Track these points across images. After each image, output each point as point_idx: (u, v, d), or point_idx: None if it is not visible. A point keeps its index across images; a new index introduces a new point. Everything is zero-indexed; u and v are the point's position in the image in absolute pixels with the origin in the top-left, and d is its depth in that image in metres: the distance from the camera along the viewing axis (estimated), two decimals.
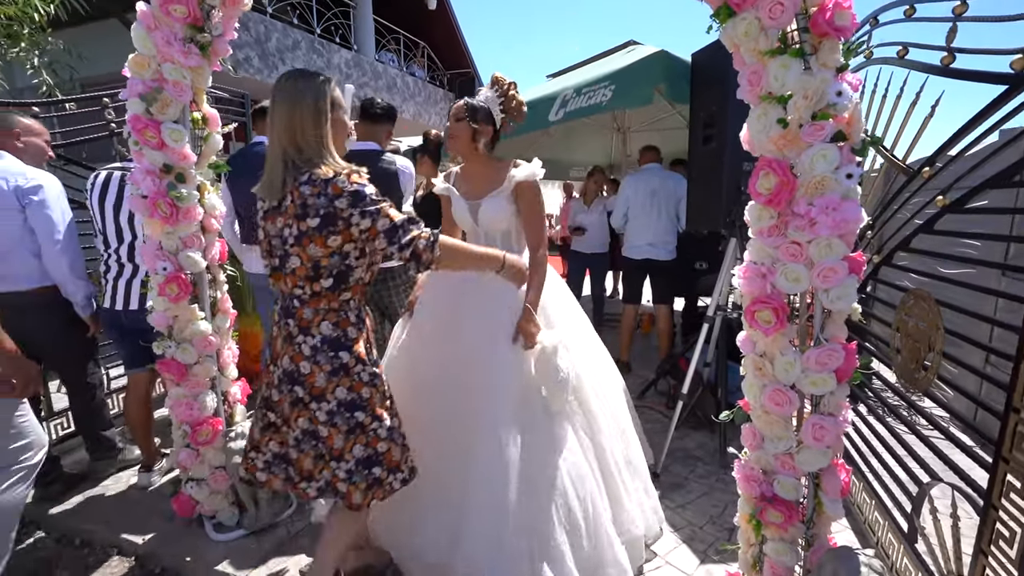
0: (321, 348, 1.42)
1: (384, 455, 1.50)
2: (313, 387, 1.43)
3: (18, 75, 5.07)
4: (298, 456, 1.51)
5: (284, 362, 1.47)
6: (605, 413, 1.98)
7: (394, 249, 1.40)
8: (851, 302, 1.30)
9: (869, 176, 2.39)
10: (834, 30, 1.20)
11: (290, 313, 1.46)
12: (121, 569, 2.06)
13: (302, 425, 1.47)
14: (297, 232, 1.36)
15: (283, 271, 1.42)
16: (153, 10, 1.76)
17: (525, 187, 1.90)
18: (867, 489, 2.12)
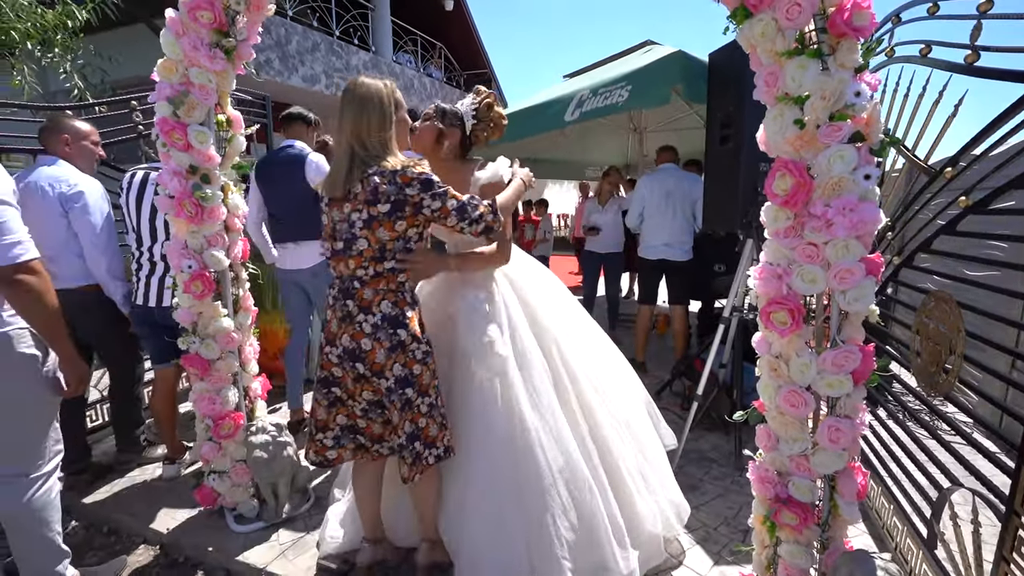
0: (381, 326, 1.54)
1: (423, 430, 1.60)
2: (374, 363, 1.55)
3: (51, 79, 5.24)
4: (367, 424, 1.67)
5: (344, 341, 1.57)
6: (604, 408, 1.95)
7: (465, 224, 1.58)
8: (868, 303, 1.29)
9: (890, 176, 2.35)
10: (852, 30, 1.19)
11: (349, 294, 1.56)
12: (146, 557, 2.13)
13: (367, 397, 1.63)
14: (367, 216, 1.50)
15: (347, 253, 1.54)
16: (181, 16, 1.81)
17: (489, 189, 1.83)
18: (885, 494, 2.09)
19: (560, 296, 2.12)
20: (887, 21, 2.45)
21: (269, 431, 2.19)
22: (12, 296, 1.52)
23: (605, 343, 2.21)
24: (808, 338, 1.40)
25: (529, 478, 1.70)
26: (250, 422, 2.25)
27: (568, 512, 1.72)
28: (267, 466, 2.16)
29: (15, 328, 1.56)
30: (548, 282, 2.11)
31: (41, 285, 1.54)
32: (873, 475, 2.21)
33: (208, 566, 2.05)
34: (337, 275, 1.62)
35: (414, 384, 1.58)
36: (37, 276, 1.52)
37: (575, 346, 2.00)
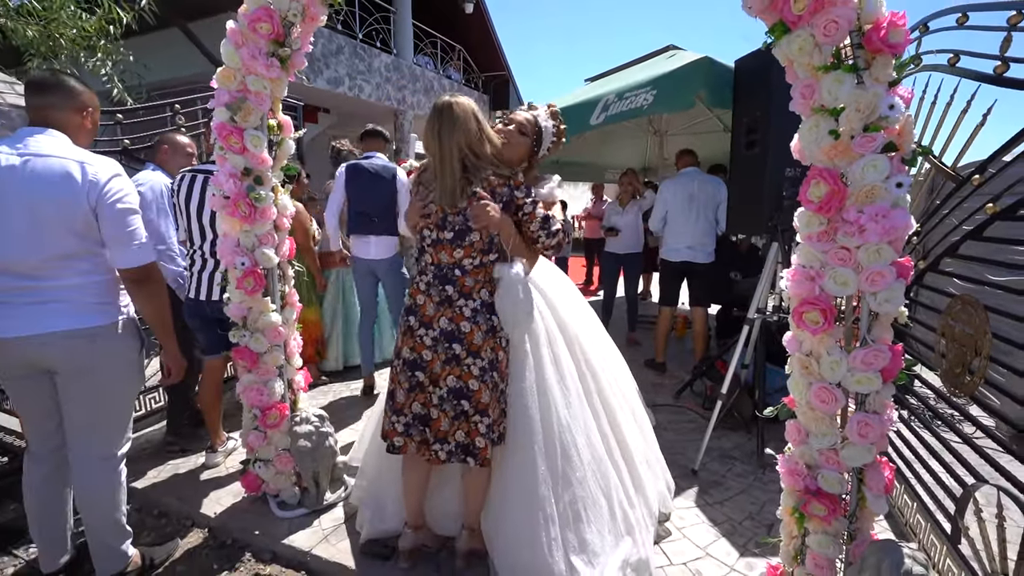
0: (480, 310, 1.73)
1: (498, 413, 1.77)
2: (472, 343, 1.72)
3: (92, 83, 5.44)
4: (438, 416, 1.76)
5: (442, 323, 1.74)
6: (616, 392, 2.13)
7: (543, 234, 1.79)
8: (898, 305, 1.36)
9: (917, 181, 2.39)
10: (888, 47, 1.26)
11: (449, 280, 1.73)
12: (197, 539, 2.25)
13: (450, 383, 1.74)
14: None
15: (456, 243, 1.70)
16: (241, 28, 1.93)
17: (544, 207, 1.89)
18: (908, 492, 2.14)
19: (575, 296, 2.24)
20: (915, 29, 2.50)
21: (312, 421, 2.30)
22: (136, 292, 1.75)
23: (606, 336, 2.35)
24: (839, 337, 1.47)
25: (564, 469, 1.81)
26: (294, 412, 2.36)
27: (598, 500, 1.84)
28: (310, 455, 2.27)
29: (128, 316, 1.79)
30: (565, 283, 2.23)
31: (159, 283, 1.79)
32: (896, 474, 2.26)
33: (255, 548, 2.16)
34: (432, 262, 1.76)
35: (498, 368, 1.75)
36: (156, 275, 1.78)
37: (592, 344, 2.13)
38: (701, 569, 1.95)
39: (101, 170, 1.63)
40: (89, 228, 1.63)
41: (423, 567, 1.94)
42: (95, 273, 1.68)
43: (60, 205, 1.58)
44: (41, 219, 1.57)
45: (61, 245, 1.60)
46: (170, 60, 6.07)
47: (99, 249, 1.68)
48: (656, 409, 3.21)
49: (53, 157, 1.59)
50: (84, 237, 1.63)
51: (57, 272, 1.62)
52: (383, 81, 9.44)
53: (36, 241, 1.58)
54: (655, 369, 4.17)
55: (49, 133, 1.65)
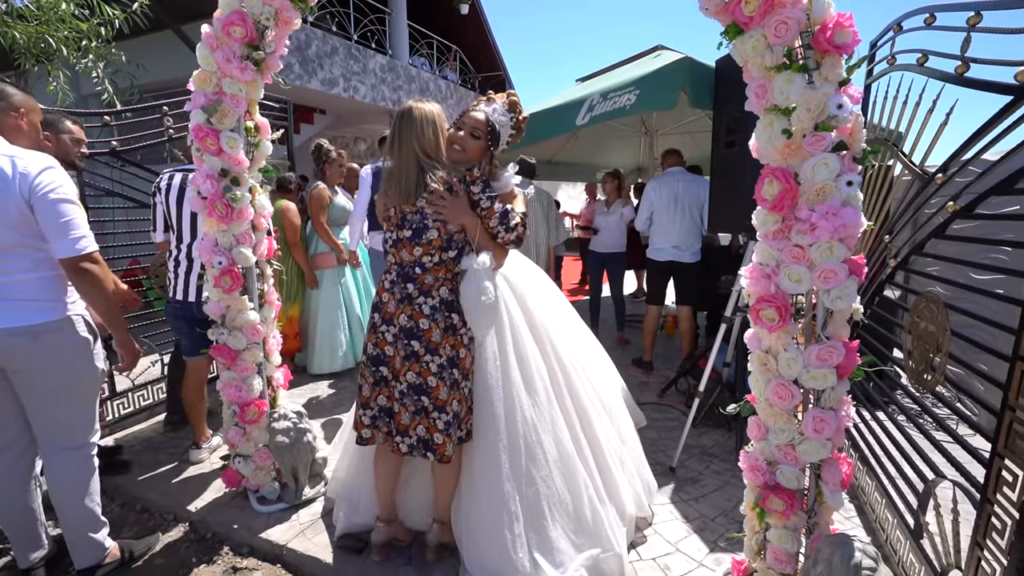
0: (439, 308, 1.75)
1: (464, 415, 1.82)
2: (430, 341, 1.74)
3: (83, 84, 5.49)
4: (399, 409, 1.79)
5: (401, 320, 1.76)
6: (589, 392, 2.13)
7: (502, 229, 1.75)
8: (851, 302, 1.38)
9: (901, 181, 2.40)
10: (834, 47, 1.28)
11: (410, 278, 1.76)
12: (178, 533, 2.28)
13: (410, 379, 1.76)
14: None
15: (415, 241, 1.73)
16: (216, 31, 1.96)
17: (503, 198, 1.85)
18: (879, 488, 2.16)
19: (550, 292, 2.26)
20: (889, 30, 2.52)
21: (291, 418, 2.33)
22: (78, 282, 1.72)
23: (587, 334, 2.36)
24: (796, 334, 1.49)
25: (527, 467, 1.84)
26: (272, 409, 2.39)
27: (563, 498, 1.86)
28: (288, 451, 2.30)
29: (74, 314, 1.78)
30: (539, 279, 2.24)
31: (101, 273, 1.74)
32: (868, 471, 2.28)
33: (233, 542, 2.19)
34: (395, 261, 1.80)
35: (458, 365, 1.78)
36: (98, 265, 1.73)
37: (565, 340, 2.14)
38: (670, 564, 1.97)
39: (32, 163, 1.65)
40: (25, 221, 1.64)
41: (394, 560, 1.97)
42: (38, 269, 1.70)
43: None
44: (14, 207, 1.61)
45: (9, 237, 1.63)
46: (164, 62, 6.11)
47: (41, 244, 1.68)
48: (640, 407, 3.23)
49: None
50: (21, 231, 1.64)
51: (10, 263, 1.65)
52: (378, 82, 9.47)
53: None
54: (642, 368, 4.19)
55: None
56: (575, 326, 2.32)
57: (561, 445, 1.90)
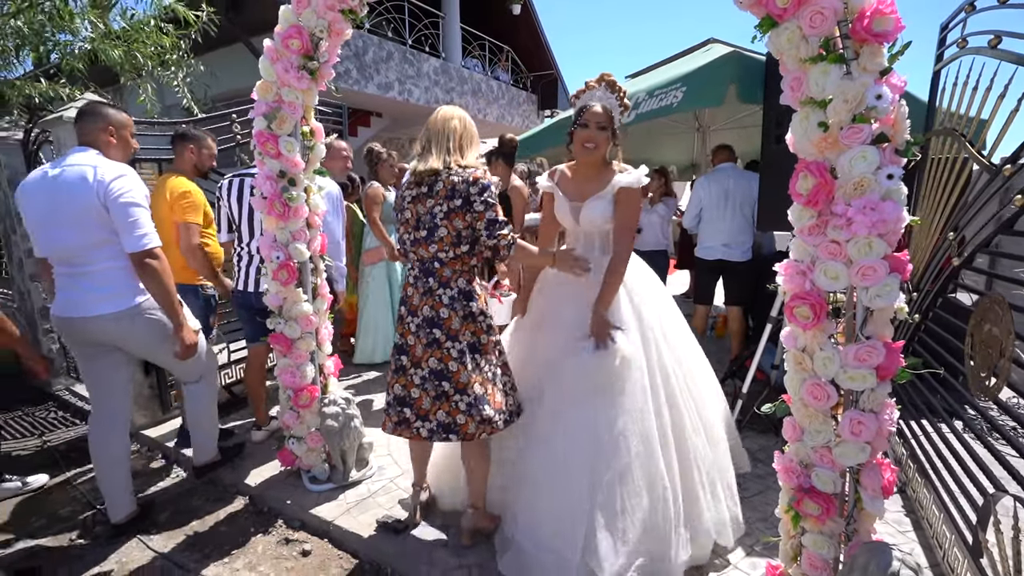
0: (457, 298, 1.87)
1: (488, 396, 1.89)
2: (450, 328, 1.86)
3: (167, 95, 6.02)
4: (419, 395, 1.89)
5: (424, 311, 1.89)
6: (689, 407, 2.03)
7: (485, 236, 1.83)
8: (892, 300, 1.32)
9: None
10: (873, 36, 1.23)
11: (430, 273, 1.88)
12: (239, 505, 2.50)
13: (431, 365, 1.87)
14: (447, 209, 1.80)
15: (429, 240, 1.84)
16: (276, 45, 2.13)
17: (626, 193, 1.97)
18: (936, 503, 2.03)
19: (665, 302, 2.20)
20: (961, 10, 2.35)
21: (340, 403, 2.48)
22: (141, 274, 2.04)
23: (699, 354, 2.25)
24: (833, 332, 1.44)
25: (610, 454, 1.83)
26: (324, 395, 2.56)
27: (638, 494, 1.83)
28: (337, 434, 2.46)
29: (145, 299, 2.12)
30: (654, 284, 2.20)
31: (160, 267, 2.03)
32: (927, 483, 2.15)
33: (286, 516, 2.38)
34: (417, 259, 1.91)
35: (480, 351, 1.90)
36: (158, 260, 2.03)
37: (671, 347, 2.08)
38: (703, 565, 1.95)
39: (108, 171, 1.98)
40: (104, 220, 1.97)
41: (431, 543, 2.07)
42: (117, 260, 2.03)
43: (79, 202, 1.95)
44: (72, 214, 1.96)
45: (88, 235, 1.98)
46: (234, 72, 6.59)
47: (114, 237, 2.00)
48: None
49: (76, 166, 1.99)
50: (103, 229, 1.98)
51: (92, 257, 2.01)
52: (432, 85, 9.74)
53: (73, 232, 1.98)
54: None
55: (81, 149, 2.07)
56: (688, 344, 2.22)
57: (648, 444, 1.86)
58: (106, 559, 2.14)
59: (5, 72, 4.95)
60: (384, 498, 2.42)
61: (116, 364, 2.20)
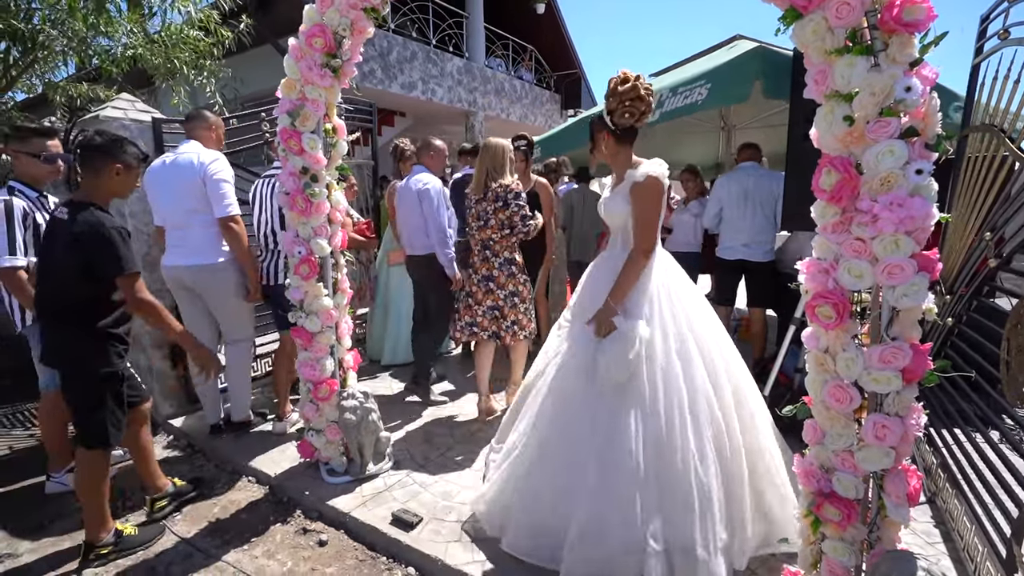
0: (505, 264, 2.96)
1: (520, 320, 3.01)
2: (499, 282, 2.96)
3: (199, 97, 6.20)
4: (482, 319, 3.00)
5: (483, 271, 2.98)
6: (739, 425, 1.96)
7: (519, 222, 2.89)
8: (919, 300, 1.27)
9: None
10: (903, 26, 1.19)
11: (488, 247, 2.96)
12: (259, 493, 2.56)
13: (487, 303, 2.98)
14: (493, 208, 2.88)
15: (486, 226, 2.91)
16: (300, 43, 2.17)
17: (637, 188, 1.98)
18: (968, 514, 1.95)
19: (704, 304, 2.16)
20: (1003, 0, 2.25)
21: (358, 397, 2.52)
22: (225, 235, 2.74)
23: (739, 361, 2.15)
24: (856, 332, 1.40)
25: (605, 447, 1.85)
26: (342, 388, 2.60)
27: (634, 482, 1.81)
28: (355, 428, 2.49)
29: (228, 259, 2.81)
30: (694, 291, 2.17)
31: (238, 230, 2.75)
32: (958, 494, 2.06)
33: (305, 506, 2.42)
34: (479, 239, 2.96)
35: (519, 294, 2.99)
36: (238, 225, 2.75)
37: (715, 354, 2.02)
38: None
39: (206, 157, 2.72)
40: (202, 194, 2.69)
41: (445, 536, 2.08)
42: (211, 226, 2.73)
43: (186, 180, 2.68)
44: (179, 189, 2.69)
45: (188, 203, 2.69)
46: (262, 74, 6.72)
47: (208, 208, 2.69)
48: None
49: (185, 154, 2.74)
50: (201, 200, 2.69)
51: (190, 221, 2.71)
52: (455, 84, 9.79)
53: (179, 201, 2.71)
54: None
55: (189, 142, 2.81)
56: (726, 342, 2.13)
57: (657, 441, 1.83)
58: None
59: (50, 75, 5.16)
60: (400, 492, 2.44)
61: (203, 311, 2.88)
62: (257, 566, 2.07)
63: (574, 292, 2.35)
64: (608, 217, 2.13)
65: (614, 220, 2.09)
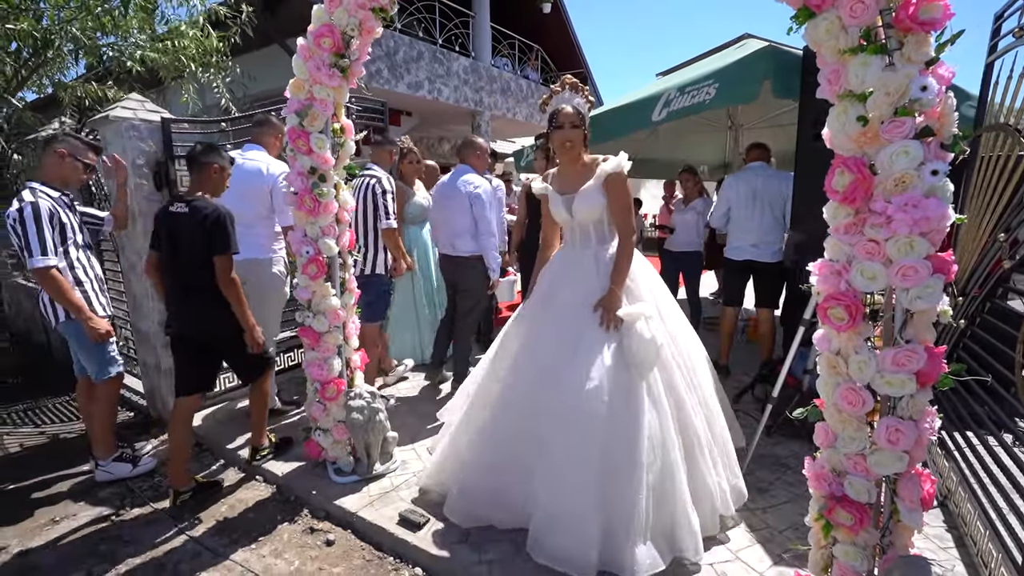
0: None
1: None
2: None
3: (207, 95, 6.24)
4: None
5: None
6: (688, 386, 2.10)
7: None
8: (934, 302, 1.26)
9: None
10: (919, 24, 1.17)
11: None
12: (266, 492, 2.57)
13: None
14: None
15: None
16: (308, 43, 2.17)
17: (613, 178, 2.09)
18: (982, 518, 1.92)
19: (654, 280, 2.30)
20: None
21: (365, 397, 2.52)
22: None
23: (686, 324, 2.35)
24: (869, 335, 1.38)
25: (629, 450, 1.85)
26: (349, 389, 2.60)
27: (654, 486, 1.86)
28: (363, 427, 2.49)
29: (278, 256, 3.02)
30: (644, 267, 2.28)
31: None
32: (971, 498, 2.04)
33: (312, 506, 2.43)
34: None
35: None
36: None
37: (665, 323, 2.15)
38: (727, 572, 1.90)
39: (275, 168, 2.93)
40: (266, 199, 2.92)
41: (450, 537, 2.08)
42: (269, 227, 3.00)
43: (253, 185, 2.86)
44: (246, 193, 2.83)
45: (256, 209, 2.90)
46: (270, 74, 6.76)
47: (272, 214, 2.97)
48: None
49: (253, 160, 2.94)
50: (266, 207, 2.94)
51: (253, 221, 2.89)
52: (461, 84, 9.79)
53: (247, 204, 2.84)
54: (718, 372, 4.00)
55: (254, 146, 3.03)
56: (678, 317, 2.32)
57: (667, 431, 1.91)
58: (141, 540, 2.22)
59: (60, 75, 5.21)
60: (407, 492, 2.44)
61: None
62: (265, 565, 2.07)
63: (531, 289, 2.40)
64: (582, 213, 2.15)
65: (590, 214, 2.15)
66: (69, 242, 2.49)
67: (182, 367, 2.50)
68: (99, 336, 2.47)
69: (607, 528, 1.82)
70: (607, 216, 2.15)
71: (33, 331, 5.04)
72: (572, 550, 1.81)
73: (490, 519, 2.10)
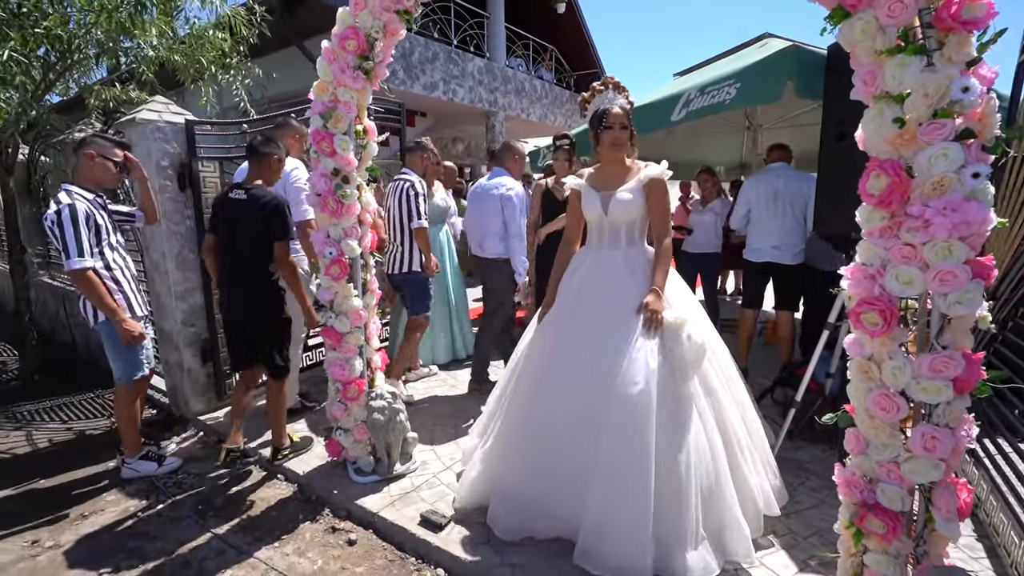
0: None
1: None
2: None
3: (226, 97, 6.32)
4: None
5: None
6: (726, 392, 2.11)
7: None
8: (974, 308, 1.23)
9: None
10: (961, 23, 1.15)
11: None
12: (288, 491, 2.59)
13: None
14: None
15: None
16: (333, 46, 2.19)
17: (656, 183, 2.15)
18: (1016, 528, 1.88)
19: (682, 288, 2.29)
20: None
21: (386, 398, 2.53)
22: (300, 235, 2.86)
23: (711, 326, 2.35)
24: (904, 340, 1.36)
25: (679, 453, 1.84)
26: (371, 389, 2.62)
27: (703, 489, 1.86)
28: (383, 428, 2.51)
29: (299, 255, 2.93)
30: (673, 275, 2.26)
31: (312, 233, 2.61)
32: (1003, 507, 1.99)
33: (333, 505, 2.45)
34: None
35: None
36: (312, 228, 2.62)
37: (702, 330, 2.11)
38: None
39: (287, 166, 2.87)
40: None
41: (473, 539, 2.08)
42: None
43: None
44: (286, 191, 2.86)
45: None
46: (288, 75, 6.83)
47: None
48: None
49: None
50: None
51: None
52: (476, 84, 9.81)
53: None
54: None
55: None
56: (703, 315, 2.29)
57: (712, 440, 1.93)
58: (167, 537, 2.26)
59: (85, 78, 5.30)
60: (427, 492, 2.45)
61: None
62: (288, 563, 2.10)
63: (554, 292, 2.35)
64: (618, 212, 2.16)
65: (626, 215, 2.16)
66: (104, 243, 2.54)
67: (235, 347, 2.77)
68: (131, 339, 2.51)
69: (658, 534, 1.80)
70: (641, 219, 2.18)
71: (58, 329, 5.14)
72: (626, 557, 1.78)
73: (531, 530, 2.06)
